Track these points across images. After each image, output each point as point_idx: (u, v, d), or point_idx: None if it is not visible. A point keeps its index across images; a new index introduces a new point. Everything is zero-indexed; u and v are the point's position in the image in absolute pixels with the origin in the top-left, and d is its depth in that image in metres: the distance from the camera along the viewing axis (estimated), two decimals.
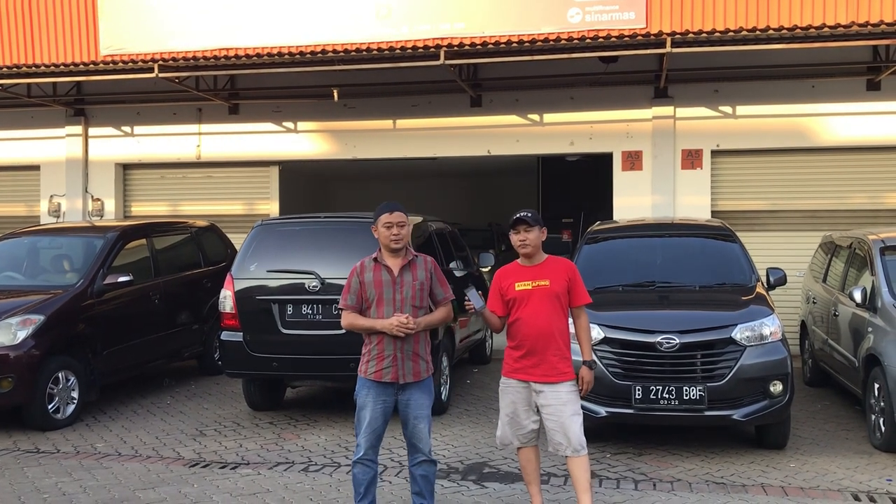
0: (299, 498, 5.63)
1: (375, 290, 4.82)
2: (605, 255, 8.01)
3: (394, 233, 4.82)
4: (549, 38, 10.20)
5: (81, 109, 13.35)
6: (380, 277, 4.84)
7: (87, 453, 6.82)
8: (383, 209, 4.89)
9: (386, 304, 4.81)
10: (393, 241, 4.83)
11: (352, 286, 4.88)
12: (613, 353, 6.46)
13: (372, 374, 4.83)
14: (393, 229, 4.81)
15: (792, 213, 11.42)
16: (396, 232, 4.82)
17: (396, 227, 4.82)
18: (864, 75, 11.03)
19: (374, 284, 4.83)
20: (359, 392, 4.90)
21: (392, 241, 4.83)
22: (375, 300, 4.82)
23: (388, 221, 4.83)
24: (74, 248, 8.94)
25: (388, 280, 4.83)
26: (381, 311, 4.81)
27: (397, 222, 4.83)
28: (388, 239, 4.83)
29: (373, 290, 4.82)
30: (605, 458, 6.51)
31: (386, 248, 4.88)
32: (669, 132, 11.46)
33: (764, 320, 6.52)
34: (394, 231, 4.81)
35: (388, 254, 4.89)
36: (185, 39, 11.93)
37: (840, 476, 6.08)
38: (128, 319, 8.64)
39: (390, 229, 4.82)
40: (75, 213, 13.25)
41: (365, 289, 4.84)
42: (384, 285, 4.82)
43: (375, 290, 4.82)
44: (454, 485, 5.90)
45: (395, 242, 4.83)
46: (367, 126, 12.45)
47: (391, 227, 4.82)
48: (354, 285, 4.88)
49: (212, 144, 13.01)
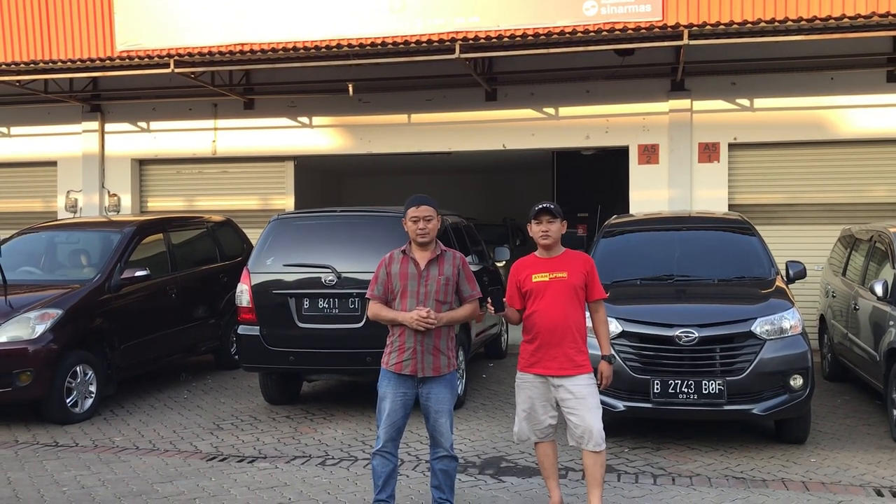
0: (316, 491, 5.63)
1: (401, 282, 4.82)
2: (622, 248, 7.96)
3: (420, 227, 4.81)
4: (564, 31, 10.16)
5: (98, 105, 13.40)
6: (406, 270, 4.84)
7: (106, 447, 6.85)
8: (411, 202, 4.89)
9: (410, 296, 4.80)
10: (419, 235, 4.82)
11: (379, 277, 4.89)
12: (632, 347, 6.41)
13: (392, 365, 4.83)
14: (419, 223, 4.81)
15: (810, 206, 11.31)
16: (423, 226, 4.81)
17: (423, 220, 4.81)
18: (885, 67, 10.89)
19: (399, 276, 4.83)
20: (380, 383, 4.90)
21: (418, 235, 4.82)
22: (400, 292, 4.83)
23: (414, 216, 4.82)
24: (92, 242, 8.98)
25: (413, 273, 4.83)
26: (405, 303, 4.81)
27: (424, 216, 4.81)
28: (415, 233, 4.83)
29: (398, 282, 4.83)
30: (624, 453, 6.47)
31: (413, 242, 4.88)
32: (686, 125, 11.38)
33: (784, 314, 6.45)
34: (420, 225, 4.81)
35: (416, 247, 4.88)
36: (200, 34, 11.94)
37: (862, 471, 6.01)
38: (145, 314, 8.67)
39: (416, 223, 4.81)
40: (92, 209, 13.31)
41: (391, 280, 4.85)
42: (409, 278, 4.82)
43: (401, 282, 4.82)
44: (472, 479, 5.88)
45: (422, 236, 4.82)
46: (382, 120, 12.43)
47: (417, 222, 4.81)
48: (382, 276, 4.89)
49: (227, 139, 13.03)
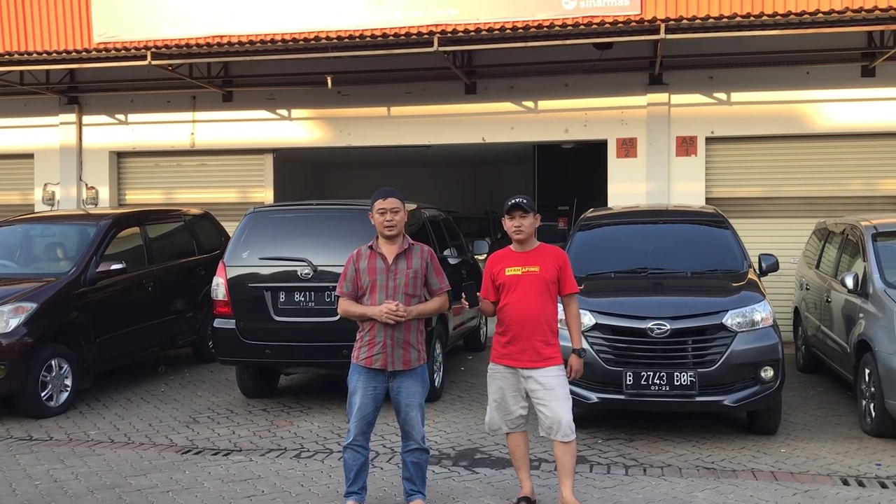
0: (290, 484, 5.65)
1: (369, 277, 4.84)
2: (597, 241, 8.02)
3: (387, 219, 4.82)
4: (543, 24, 10.16)
5: (75, 97, 13.30)
6: (374, 265, 4.85)
7: (80, 440, 6.83)
8: (378, 195, 4.90)
9: (379, 291, 4.82)
10: (387, 228, 4.84)
11: (348, 273, 4.91)
12: (605, 339, 6.47)
13: (362, 360, 4.86)
14: (386, 215, 4.82)
15: (786, 199, 11.41)
16: (390, 218, 4.82)
17: (390, 213, 4.82)
18: (859, 61, 10.99)
19: (368, 272, 4.84)
20: (350, 378, 4.93)
21: (386, 228, 4.84)
22: (369, 287, 4.84)
23: (381, 208, 4.84)
24: (68, 235, 8.93)
25: (381, 268, 4.84)
26: (375, 298, 4.83)
27: (391, 208, 4.83)
28: (382, 225, 4.85)
29: (367, 277, 4.84)
30: (597, 444, 6.52)
31: (381, 235, 4.89)
32: (664, 119, 11.44)
33: (755, 306, 6.53)
34: (387, 217, 4.82)
35: (383, 241, 4.90)
36: (178, 26, 11.88)
37: (830, 461, 6.10)
38: (121, 307, 8.64)
39: (384, 215, 4.83)
40: (69, 202, 13.23)
41: (360, 276, 4.87)
42: (378, 272, 4.83)
43: (369, 277, 4.84)
44: (445, 471, 5.92)
45: (389, 229, 4.84)
46: (362, 113, 12.42)
47: (384, 214, 4.83)
48: (350, 273, 4.90)
49: (206, 132, 12.98)
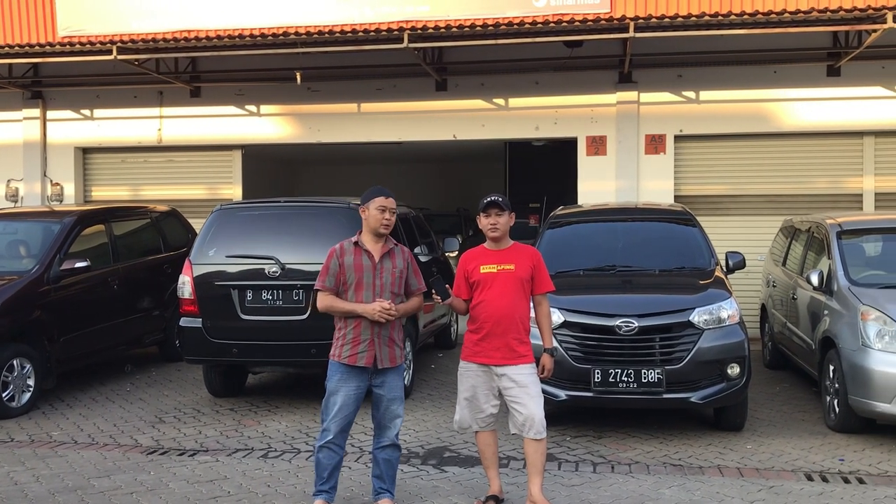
0: (256, 484, 5.59)
1: (356, 273, 4.81)
2: (567, 239, 8.03)
3: (386, 217, 4.83)
4: (513, 21, 10.15)
5: (39, 92, 13.04)
6: (360, 262, 4.82)
7: (42, 441, 6.71)
8: (378, 192, 4.88)
9: (366, 288, 4.80)
10: (383, 226, 4.84)
11: (330, 268, 4.85)
12: (573, 337, 6.49)
13: (346, 357, 4.80)
14: (386, 213, 4.83)
15: (754, 197, 11.52)
16: (388, 217, 4.84)
17: (389, 212, 4.84)
18: (825, 61, 11.13)
19: (354, 268, 4.81)
20: (330, 378, 4.86)
21: (382, 226, 4.84)
22: (354, 284, 4.81)
23: (382, 205, 4.83)
24: (30, 233, 8.76)
25: (368, 265, 4.82)
26: (360, 295, 4.80)
27: (391, 208, 4.85)
28: (380, 222, 4.83)
29: (353, 273, 4.81)
30: (565, 442, 6.54)
31: (373, 232, 4.87)
32: (633, 117, 11.50)
33: (722, 304, 6.58)
34: (386, 216, 4.83)
35: (371, 238, 4.88)
36: (145, 21, 11.70)
37: (795, 457, 6.17)
38: (86, 306, 8.50)
39: (383, 213, 4.83)
40: (34, 198, 12.99)
41: (344, 271, 4.83)
42: (364, 270, 4.81)
43: (356, 273, 4.81)
44: (414, 469, 5.89)
45: (385, 227, 4.85)
46: (332, 109, 12.32)
47: (384, 212, 4.83)
48: (333, 267, 4.85)
49: (173, 128, 12.80)
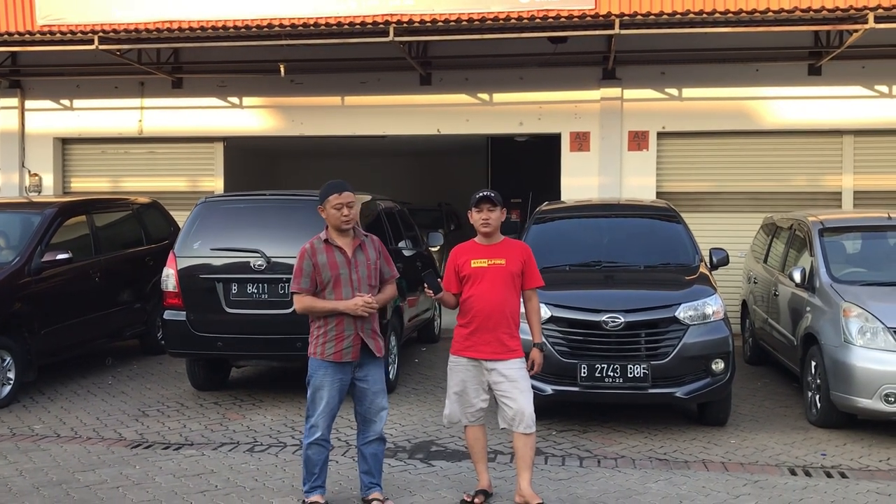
0: (244, 478, 5.57)
1: (331, 271, 4.76)
2: (552, 235, 8.06)
3: (344, 213, 4.77)
4: (499, 16, 10.14)
5: (17, 81, 12.86)
6: (334, 259, 4.78)
7: (24, 435, 6.64)
8: (331, 189, 4.81)
9: (344, 285, 4.76)
10: (344, 223, 4.78)
11: (304, 269, 4.79)
12: (560, 332, 6.52)
13: (331, 355, 4.77)
14: (343, 210, 4.76)
15: (735, 194, 11.63)
16: (347, 213, 4.77)
17: (346, 207, 4.77)
18: (806, 60, 11.24)
19: (329, 266, 4.76)
20: (314, 374, 4.82)
21: (343, 223, 4.78)
22: (332, 282, 4.76)
23: (338, 203, 4.76)
24: (10, 224, 8.64)
25: (342, 261, 4.78)
26: (339, 292, 4.76)
27: (347, 203, 4.77)
28: (339, 220, 4.77)
29: (328, 271, 4.76)
30: (551, 436, 6.57)
31: (336, 229, 4.82)
32: (617, 113, 11.55)
33: (707, 300, 6.63)
34: (344, 212, 4.77)
35: (337, 234, 4.83)
36: (127, 11, 11.46)
37: (778, 451, 6.24)
38: (67, 298, 8.41)
39: (340, 210, 4.76)
40: (12, 189, 12.81)
41: (319, 271, 4.77)
42: (340, 266, 4.77)
43: (331, 271, 4.76)
44: (401, 463, 5.90)
45: (346, 223, 4.78)
46: (315, 102, 12.27)
47: (341, 209, 4.76)
48: (307, 268, 4.79)
49: (154, 119, 12.68)
